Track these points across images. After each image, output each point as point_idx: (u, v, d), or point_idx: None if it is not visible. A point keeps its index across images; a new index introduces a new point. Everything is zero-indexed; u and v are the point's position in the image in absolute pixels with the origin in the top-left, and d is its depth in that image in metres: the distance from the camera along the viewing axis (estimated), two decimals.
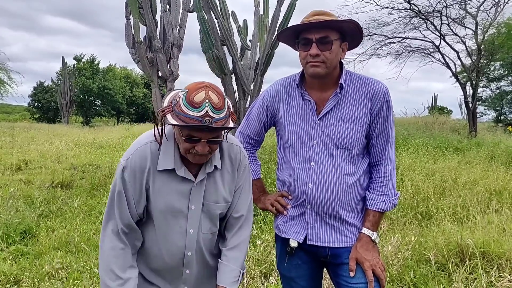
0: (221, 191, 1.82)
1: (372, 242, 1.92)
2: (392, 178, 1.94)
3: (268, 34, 7.41)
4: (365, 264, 1.87)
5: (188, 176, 1.73)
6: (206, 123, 1.54)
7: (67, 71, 32.39)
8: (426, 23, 14.68)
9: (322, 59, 1.82)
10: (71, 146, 13.67)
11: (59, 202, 6.41)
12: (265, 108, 2.11)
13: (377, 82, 1.92)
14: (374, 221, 1.93)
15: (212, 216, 1.82)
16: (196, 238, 1.81)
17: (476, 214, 4.92)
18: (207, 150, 1.63)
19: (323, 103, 1.93)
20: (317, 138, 1.93)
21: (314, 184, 1.92)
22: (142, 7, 7.33)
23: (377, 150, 1.95)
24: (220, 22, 7.44)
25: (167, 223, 1.77)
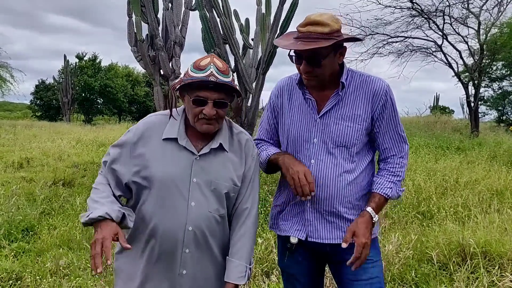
0: (229, 172, 1.84)
1: (372, 223, 1.89)
2: (403, 170, 1.95)
3: (270, 32, 7.40)
4: (359, 240, 1.83)
5: (190, 147, 1.79)
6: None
7: (69, 69, 32.42)
8: (429, 22, 14.68)
9: (314, 74, 1.87)
10: (72, 144, 13.68)
11: (61, 200, 6.42)
12: (272, 109, 2.13)
13: (378, 80, 1.93)
14: (378, 203, 1.91)
15: (220, 195, 1.81)
16: (200, 215, 1.77)
17: (477, 214, 4.91)
18: (214, 113, 1.70)
19: (324, 101, 1.95)
20: (318, 136, 1.94)
21: (314, 182, 1.92)
22: (144, 5, 7.33)
23: (386, 147, 1.96)
24: (222, 21, 7.44)
25: (168, 192, 1.76)
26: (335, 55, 1.87)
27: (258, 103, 8.04)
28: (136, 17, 7.23)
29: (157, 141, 1.81)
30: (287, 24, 7.07)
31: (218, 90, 1.71)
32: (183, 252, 1.78)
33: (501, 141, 12.77)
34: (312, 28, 1.80)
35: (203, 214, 1.78)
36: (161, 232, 1.76)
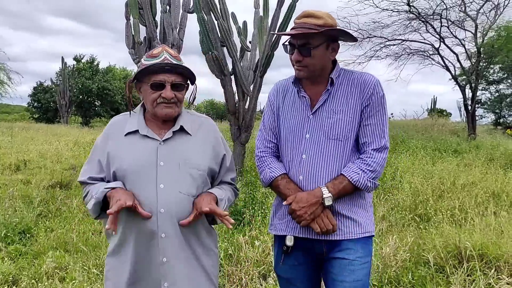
0: (196, 153, 1.87)
1: (320, 201, 1.87)
2: (377, 163, 1.92)
3: (267, 35, 7.42)
4: (294, 209, 1.88)
5: (152, 135, 1.84)
6: None
7: (66, 72, 32.36)
8: (426, 25, 14.74)
9: (304, 64, 1.92)
10: (70, 146, 13.65)
11: (58, 202, 6.41)
12: (270, 108, 2.16)
13: (367, 74, 1.99)
14: (337, 185, 1.89)
15: (189, 176, 1.82)
16: (170, 196, 1.77)
17: (474, 217, 4.92)
18: (172, 95, 1.77)
19: (317, 98, 2.00)
20: (310, 132, 1.97)
21: (304, 176, 1.95)
22: (142, 8, 7.33)
23: (365, 140, 1.95)
24: (220, 23, 7.45)
25: (138, 181, 1.78)
26: (327, 48, 1.93)
27: (256, 105, 8.04)
28: (134, 20, 7.23)
29: (120, 137, 1.87)
30: (284, 26, 7.09)
31: (174, 73, 1.79)
32: (159, 237, 1.76)
33: (498, 143, 12.80)
34: (306, 19, 1.89)
35: (173, 194, 1.78)
36: (136, 221, 1.76)
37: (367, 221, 1.98)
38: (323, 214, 1.89)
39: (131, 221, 1.76)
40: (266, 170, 2.06)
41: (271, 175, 2.03)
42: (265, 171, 2.06)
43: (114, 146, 1.86)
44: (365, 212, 1.99)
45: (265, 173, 2.06)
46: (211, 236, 1.95)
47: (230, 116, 7.90)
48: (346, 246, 1.92)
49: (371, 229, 1.98)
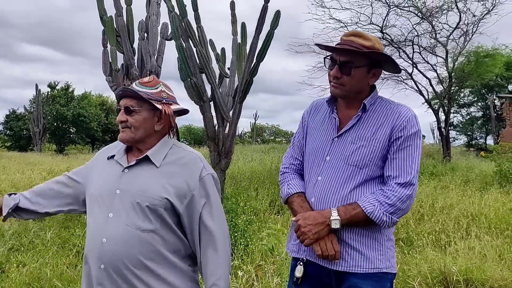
0: (158, 186, 1.74)
1: (326, 222, 1.79)
2: (398, 197, 1.78)
3: (246, 62, 7.45)
4: (300, 219, 1.84)
5: (121, 161, 1.83)
6: None
7: (40, 99, 31.83)
8: (399, 51, 15.13)
9: (342, 82, 1.87)
10: (44, 175, 13.26)
11: (31, 234, 6.16)
12: (301, 126, 2.15)
13: (404, 107, 1.92)
14: (349, 210, 1.79)
15: (142, 209, 1.70)
16: (116, 227, 1.68)
17: (457, 240, 4.94)
18: (123, 118, 1.78)
19: (346, 121, 1.94)
20: (331, 154, 1.92)
21: (316, 199, 1.90)
22: (119, 35, 7.29)
23: (389, 174, 1.84)
24: (198, 50, 7.45)
25: (97, 206, 1.76)
26: (368, 72, 1.89)
27: (235, 131, 8.00)
28: (111, 47, 7.17)
29: (102, 162, 1.89)
30: (263, 53, 7.13)
31: (129, 97, 1.81)
32: (98, 268, 1.67)
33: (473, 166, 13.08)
34: (354, 38, 1.85)
35: (120, 226, 1.69)
36: (87, 246, 1.76)
37: (378, 256, 1.85)
38: (327, 237, 1.81)
39: (87, 246, 1.76)
40: (285, 186, 2.04)
41: (288, 191, 2.00)
42: (284, 187, 2.04)
43: (93, 170, 1.91)
44: (378, 245, 1.86)
45: (283, 189, 2.03)
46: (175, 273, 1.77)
47: (209, 142, 7.82)
48: (353, 282, 1.82)
49: (383, 266, 1.85)
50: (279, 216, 7.19)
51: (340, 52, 1.85)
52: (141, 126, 1.80)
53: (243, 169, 11.99)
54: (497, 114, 26.12)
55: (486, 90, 26.70)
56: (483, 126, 28.19)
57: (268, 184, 9.35)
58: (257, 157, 15.03)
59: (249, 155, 16.78)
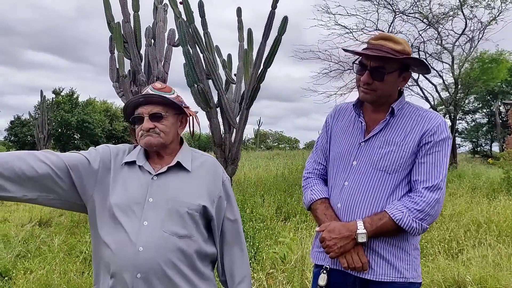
0: (192, 191, 1.76)
1: (352, 235, 1.75)
2: (427, 203, 1.73)
3: (253, 68, 7.44)
4: (324, 232, 1.80)
5: (147, 168, 1.76)
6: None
7: (45, 105, 31.93)
8: None
9: (373, 88, 1.82)
10: None
11: (38, 241, 6.12)
12: (325, 130, 2.10)
13: (433, 112, 1.89)
14: (375, 221, 1.75)
15: (179, 215, 1.69)
16: (152, 234, 1.64)
17: (469, 248, 4.87)
18: (151, 126, 1.73)
19: (374, 126, 1.90)
20: (358, 159, 1.88)
21: (342, 205, 1.86)
22: (127, 42, 7.30)
23: (416, 178, 1.80)
24: (205, 56, 7.45)
25: (124, 216, 1.67)
26: (399, 76, 1.85)
27: (242, 137, 7.97)
28: (118, 53, 7.18)
29: (118, 169, 1.78)
30: (271, 59, 7.12)
31: (151, 103, 1.76)
32: (134, 277, 1.62)
33: (480, 172, 12.99)
34: (384, 42, 1.80)
35: (156, 234, 1.65)
36: (114, 257, 1.64)
37: (405, 266, 1.81)
38: (353, 249, 1.77)
39: (108, 257, 1.65)
40: (308, 191, 2.00)
41: (311, 197, 1.96)
42: (307, 192, 2.00)
43: (111, 175, 1.77)
44: (405, 255, 1.82)
45: (306, 194, 1.99)
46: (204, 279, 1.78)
47: (216, 149, 7.79)
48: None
49: (410, 276, 1.81)
50: (287, 223, 7.13)
51: (371, 57, 1.80)
52: (170, 131, 1.80)
53: (249, 175, 11.95)
54: (502, 120, 26.02)
55: (491, 97, 26.65)
56: (488, 133, 28.09)
57: (275, 190, 9.29)
58: (262, 164, 14.98)
59: (254, 161, 16.71)
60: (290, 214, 7.72)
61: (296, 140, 50.45)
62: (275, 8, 7.31)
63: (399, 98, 1.91)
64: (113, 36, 7.14)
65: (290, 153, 23.79)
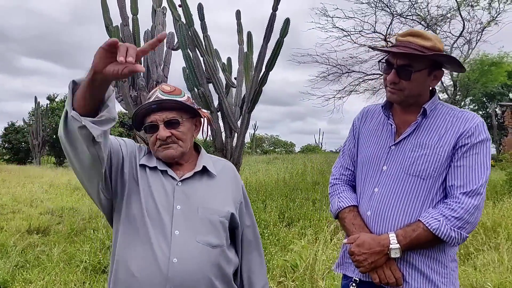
0: (220, 197, 1.67)
1: (385, 250, 1.63)
2: (466, 209, 1.60)
3: (255, 71, 7.32)
4: (353, 246, 1.69)
5: (170, 173, 1.65)
6: None
7: (39, 111, 31.67)
8: None
9: (400, 87, 1.70)
10: (45, 188, 13.05)
11: (36, 250, 5.96)
12: (352, 134, 1.99)
13: (470, 112, 1.76)
14: (409, 233, 1.62)
15: (210, 223, 1.60)
16: (186, 245, 1.53)
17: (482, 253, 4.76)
18: (168, 134, 1.61)
19: (404, 127, 1.78)
20: (388, 164, 1.76)
21: (372, 213, 1.74)
22: None
23: (452, 183, 1.67)
24: (205, 60, 7.33)
25: (154, 224, 1.55)
26: (429, 74, 1.72)
27: (244, 142, 7.85)
28: None
29: (138, 171, 1.65)
30: (273, 62, 7.01)
31: (165, 109, 1.63)
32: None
33: None
34: (412, 38, 1.69)
35: (190, 244, 1.54)
36: (142, 266, 1.51)
37: (443, 280, 1.69)
38: (385, 264, 1.64)
39: (138, 269, 1.52)
40: (335, 199, 1.88)
41: (339, 205, 1.85)
42: (334, 200, 1.88)
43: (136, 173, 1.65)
44: (442, 268, 1.69)
45: (334, 202, 1.88)
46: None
47: (217, 154, 7.66)
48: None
49: None
50: (290, 229, 7.00)
51: (397, 55, 1.68)
52: (187, 137, 1.69)
53: (250, 180, 11.82)
54: (498, 122, 26.07)
55: (487, 99, 26.70)
56: None
57: (276, 195, 9.16)
58: (261, 168, 14.84)
59: (254, 166, 16.59)
60: (293, 219, 7.59)
61: (292, 144, 50.40)
62: (276, 10, 7.21)
63: (431, 98, 1.79)
64: None
65: (287, 157, 23.67)
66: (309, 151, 32.02)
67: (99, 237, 6.63)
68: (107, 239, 6.50)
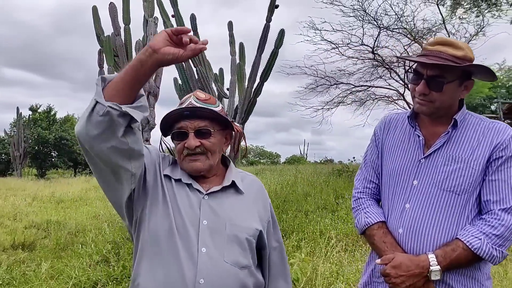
0: (248, 215, 1.56)
1: (424, 273, 1.54)
2: (506, 227, 1.54)
3: (248, 81, 7.27)
4: (389, 267, 1.59)
5: (196, 186, 1.54)
6: None
7: (21, 122, 31.07)
8: (390, 72, 15.20)
9: (430, 99, 1.62)
10: (28, 201, 12.70)
11: (23, 266, 5.72)
12: (375, 144, 1.89)
13: (501, 123, 1.68)
14: (449, 253, 1.54)
15: (239, 242, 1.49)
16: (213, 265, 1.42)
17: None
18: (197, 144, 1.50)
19: (433, 139, 1.70)
20: (419, 178, 1.67)
21: (405, 230, 1.65)
22: (117, 55, 7.03)
23: (488, 198, 1.61)
24: (198, 70, 7.25)
25: (178, 240, 1.43)
26: (460, 85, 1.64)
27: (238, 153, 7.75)
28: (109, 67, 6.89)
29: (163, 181, 1.54)
30: (268, 72, 6.97)
31: (198, 117, 1.53)
32: None
33: None
34: (442, 47, 1.61)
35: (217, 264, 1.43)
36: (167, 284, 1.40)
37: None
38: (423, 286, 1.56)
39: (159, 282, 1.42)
40: (361, 214, 1.79)
41: (366, 221, 1.75)
42: (360, 215, 1.79)
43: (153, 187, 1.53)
44: (478, 286, 1.62)
45: (360, 218, 1.78)
46: None
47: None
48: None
49: None
50: (286, 241, 6.88)
51: (428, 65, 1.61)
52: (216, 149, 1.57)
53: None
54: None
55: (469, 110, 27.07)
56: None
57: None
58: None
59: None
60: (287, 231, 7.47)
61: (277, 155, 50.36)
62: (270, 21, 7.20)
63: (460, 109, 1.72)
64: (104, 49, 6.87)
65: (275, 167, 23.58)
66: (294, 162, 31.96)
67: (88, 252, 6.42)
68: (95, 253, 6.30)
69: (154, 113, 7.39)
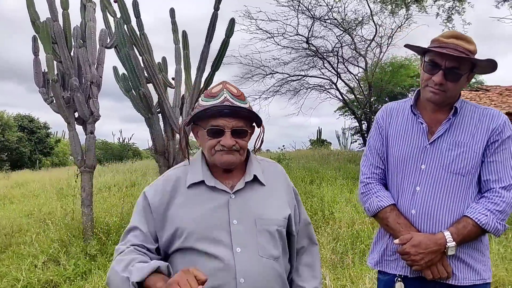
0: (274, 206, 1.60)
1: (442, 250, 1.71)
2: (507, 203, 1.75)
3: (197, 71, 7.15)
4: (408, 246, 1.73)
5: (220, 186, 1.56)
6: None
7: None
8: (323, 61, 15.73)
9: (445, 89, 1.75)
10: None
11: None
12: (378, 131, 1.99)
13: (495, 110, 1.86)
14: (461, 230, 1.72)
15: (270, 234, 1.53)
16: (250, 262, 1.47)
17: None
18: (233, 143, 1.51)
19: (436, 126, 1.84)
20: (426, 162, 1.81)
21: (418, 211, 1.79)
22: (56, 42, 6.57)
23: (488, 178, 1.80)
24: (145, 59, 6.99)
25: (208, 243, 1.46)
26: (467, 77, 1.80)
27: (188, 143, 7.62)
28: (46, 55, 6.41)
29: (182, 193, 1.54)
30: (219, 62, 6.88)
31: (236, 116, 1.53)
32: None
33: None
34: (457, 41, 1.73)
35: (254, 260, 1.47)
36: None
37: (483, 267, 1.82)
38: (438, 261, 1.72)
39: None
40: (373, 198, 1.89)
41: (379, 204, 1.86)
42: (372, 199, 1.89)
43: (175, 207, 1.54)
44: (481, 256, 1.83)
45: (372, 201, 1.88)
46: None
47: (158, 157, 7.35)
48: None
49: (487, 276, 1.82)
50: None
51: (447, 57, 1.73)
52: (246, 147, 1.62)
53: None
54: None
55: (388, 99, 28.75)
56: None
57: None
58: None
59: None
60: None
61: None
62: (218, 9, 7.09)
63: (459, 98, 1.90)
64: (40, 36, 6.37)
65: None
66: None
67: (31, 252, 6.04)
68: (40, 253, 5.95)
69: (98, 104, 7.04)
